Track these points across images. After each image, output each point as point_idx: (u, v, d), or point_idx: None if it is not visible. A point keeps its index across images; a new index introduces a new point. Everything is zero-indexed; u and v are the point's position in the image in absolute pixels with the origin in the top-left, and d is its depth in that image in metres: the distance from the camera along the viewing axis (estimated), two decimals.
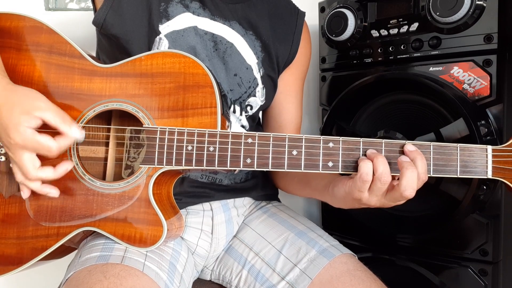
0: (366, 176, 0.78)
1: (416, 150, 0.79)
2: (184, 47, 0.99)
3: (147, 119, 0.87)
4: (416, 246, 1.17)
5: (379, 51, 1.20)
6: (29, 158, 0.81)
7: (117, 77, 0.90)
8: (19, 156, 0.81)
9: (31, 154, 0.81)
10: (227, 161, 0.83)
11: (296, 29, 1.15)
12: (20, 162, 0.81)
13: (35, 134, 0.79)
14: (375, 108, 1.25)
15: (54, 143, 0.80)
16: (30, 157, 0.81)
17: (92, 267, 0.82)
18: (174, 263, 0.93)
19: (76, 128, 0.82)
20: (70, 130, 0.81)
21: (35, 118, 0.79)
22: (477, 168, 0.80)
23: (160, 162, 0.84)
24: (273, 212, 1.13)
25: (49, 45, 0.92)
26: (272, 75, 1.11)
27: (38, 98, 0.83)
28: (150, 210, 0.85)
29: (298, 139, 0.82)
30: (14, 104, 0.80)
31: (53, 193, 0.86)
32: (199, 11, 1.02)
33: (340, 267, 0.95)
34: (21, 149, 0.80)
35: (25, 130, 0.78)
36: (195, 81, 0.86)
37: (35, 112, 0.79)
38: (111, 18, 0.97)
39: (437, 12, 1.06)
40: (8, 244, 0.89)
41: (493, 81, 1.01)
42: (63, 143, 0.81)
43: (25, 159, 0.81)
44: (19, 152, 0.81)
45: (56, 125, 0.81)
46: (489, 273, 1.05)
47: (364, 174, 0.78)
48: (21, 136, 0.78)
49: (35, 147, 0.80)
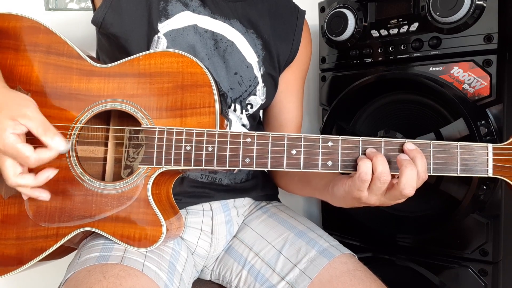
0: (365, 176, 0.77)
1: (416, 149, 0.79)
2: (183, 45, 0.99)
3: (145, 119, 0.86)
4: (416, 246, 1.17)
5: (379, 51, 1.20)
6: (10, 164, 0.80)
7: (115, 77, 0.90)
8: (1, 161, 0.80)
9: (12, 160, 0.80)
10: (226, 161, 0.82)
11: (296, 27, 1.15)
12: (2, 167, 0.81)
13: (17, 142, 0.77)
14: (375, 108, 1.25)
15: (32, 154, 0.78)
16: (11, 163, 0.80)
17: (91, 267, 0.82)
18: (173, 263, 0.93)
19: (60, 140, 0.80)
20: (52, 141, 0.80)
21: (20, 125, 0.78)
22: (477, 166, 0.79)
23: (159, 162, 0.84)
24: (273, 212, 1.13)
25: (47, 46, 0.92)
26: (272, 74, 1.11)
27: (27, 105, 0.81)
28: (149, 210, 0.85)
29: (297, 138, 0.81)
30: (2, 108, 0.79)
31: (44, 197, 0.85)
32: (199, 9, 1.02)
33: (340, 267, 0.95)
34: (2, 154, 0.79)
35: (8, 136, 0.77)
36: (194, 80, 0.86)
37: (21, 119, 0.78)
38: (110, 17, 0.97)
39: (437, 12, 1.05)
40: (7, 245, 0.89)
41: (493, 81, 1.01)
42: (43, 154, 0.79)
43: (6, 165, 0.80)
44: (1, 157, 0.80)
45: (38, 136, 0.79)
46: (489, 273, 1.05)
47: (363, 173, 0.77)
48: (3, 141, 0.77)
49: (14, 155, 0.78)
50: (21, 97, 0.83)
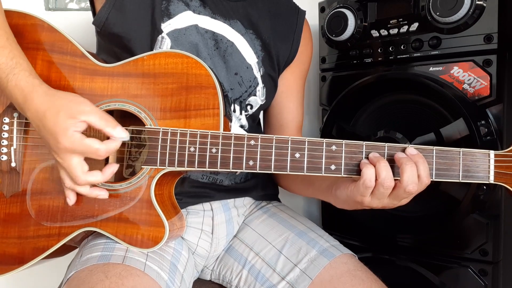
0: (369, 183, 0.78)
1: (418, 154, 0.79)
2: (186, 45, 0.98)
3: (149, 120, 0.86)
4: (416, 246, 1.17)
5: (379, 51, 1.20)
6: (78, 163, 0.81)
7: (119, 77, 0.89)
8: (68, 161, 0.80)
9: (79, 158, 0.81)
10: (229, 163, 0.82)
11: (296, 27, 1.15)
12: (69, 167, 0.81)
13: (83, 138, 0.79)
14: (375, 108, 1.25)
15: (102, 146, 0.80)
16: (79, 161, 0.81)
17: (93, 266, 0.82)
18: (175, 263, 0.93)
19: (120, 130, 0.82)
20: (115, 131, 0.81)
21: (81, 122, 0.79)
22: (479, 173, 0.80)
23: (162, 163, 0.84)
24: (273, 212, 1.13)
25: (50, 44, 0.92)
26: (272, 75, 1.10)
27: (82, 102, 0.82)
28: (152, 211, 0.85)
29: (301, 141, 0.82)
30: (59, 109, 0.80)
31: (103, 195, 0.86)
32: (199, 9, 1.02)
33: (340, 267, 0.95)
34: (70, 153, 0.80)
35: (73, 134, 0.78)
36: (198, 81, 0.86)
37: (81, 116, 0.79)
38: (113, 17, 0.97)
39: (437, 12, 1.06)
40: (9, 244, 0.89)
41: (493, 81, 1.01)
42: (110, 145, 0.81)
43: (74, 163, 0.80)
44: (68, 156, 0.80)
45: (101, 128, 0.81)
46: (489, 273, 1.06)
47: (367, 180, 0.78)
48: (69, 140, 0.78)
49: (83, 151, 0.80)
50: (72, 94, 0.84)
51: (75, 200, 0.87)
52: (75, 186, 0.83)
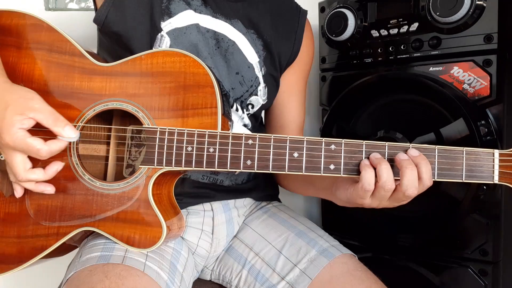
0: (368, 186, 0.77)
1: (420, 155, 0.78)
2: (186, 44, 0.98)
3: (147, 119, 0.86)
4: (416, 246, 1.17)
5: (379, 51, 1.20)
6: (20, 160, 0.80)
7: (117, 76, 0.89)
8: (11, 158, 0.80)
9: (22, 156, 0.80)
10: (227, 163, 0.82)
11: (298, 27, 1.15)
12: (11, 164, 0.81)
13: (26, 136, 0.78)
14: (375, 108, 1.25)
15: (43, 146, 0.79)
16: (21, 158, 0.80)
17: (93, 267, 0.82)
18: (174, 263, 0.93)
19: (70, 129, 0.81)
20: (63, 131, 0.80)
21: (28, 119, 0.78)
22: (483, 172, 0.77)
23: (160, 163, 0.84)
24: (273, 212, 1.13)
25: (49, 43, 0.92)
26: (274, 74, 1.10)
27: (33, 98, 0.81)
28: (149, 211, 0.85)
29: (300, 141, 0.81)
30: (8, 104, 0.79)
31: (49, 190, 0.85)
32: (200, 9, 1.02)
33: (340, 267, 0.95)
34: (12, 150, 0.80)
35: (17, 132, 0.77)
36: (196, 80, 0.86)
37: (29, 112, 0.78)
38: (112, 16, 0.97)
39: (437, 12, 1.06)
40: (8, 243, 0.89)
41: (493, 81, 1.01)
42: (54, 145, 0.80)
43: (16, 160, 0.80)
44: (10, 153, 0.80)
45: (48, 126, 0.80)
46: (489, 273, 1.05)
47: (366, 184, 0.77)
48: (12, 137, 0.78)
49: (24, 149, 0.79)
50: (24, 90, 0.83)
51: (22, 192, 0.87)
52: (18, 181, 0.83)
